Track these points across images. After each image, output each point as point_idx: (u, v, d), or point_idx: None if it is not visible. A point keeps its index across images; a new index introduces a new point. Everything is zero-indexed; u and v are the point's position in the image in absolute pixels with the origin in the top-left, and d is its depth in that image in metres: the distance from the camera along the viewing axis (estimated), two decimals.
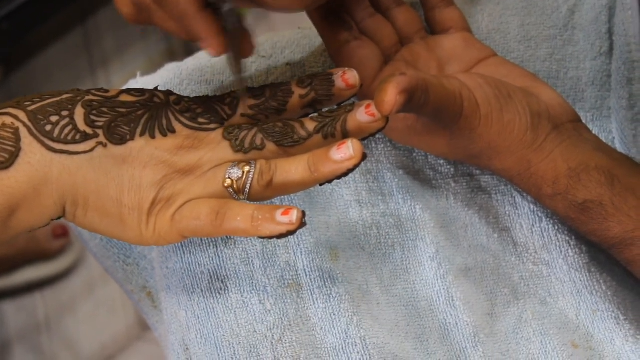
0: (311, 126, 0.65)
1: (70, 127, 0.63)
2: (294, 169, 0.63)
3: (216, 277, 0.71)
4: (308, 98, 0.67)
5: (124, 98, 0.66)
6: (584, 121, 0.75)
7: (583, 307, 0.74)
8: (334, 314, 0.70)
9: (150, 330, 1.53)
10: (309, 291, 0.71)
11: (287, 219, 0.62)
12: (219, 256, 0.72)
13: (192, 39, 0.65)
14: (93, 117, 0.64)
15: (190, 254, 0.72)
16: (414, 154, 0.77)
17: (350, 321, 0.70)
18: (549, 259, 0.75)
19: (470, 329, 0.72)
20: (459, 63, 0.75)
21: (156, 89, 0.67)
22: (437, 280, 0.73)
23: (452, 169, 0.77)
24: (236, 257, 0.72)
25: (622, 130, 0.79)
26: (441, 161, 0.77)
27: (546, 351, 0.72)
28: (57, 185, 0.62)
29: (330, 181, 0.63)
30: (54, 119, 0.63)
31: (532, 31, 0.80)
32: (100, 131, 0.64)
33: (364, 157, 0.62)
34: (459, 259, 0.74)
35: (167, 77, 0.78)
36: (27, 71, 1.76)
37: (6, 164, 0.61)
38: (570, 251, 0.75)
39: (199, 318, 0.71)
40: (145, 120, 0.65)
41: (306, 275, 0.71)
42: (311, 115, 0.66)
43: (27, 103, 0.63)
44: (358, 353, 0.69)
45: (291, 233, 0.62)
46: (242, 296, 0.71)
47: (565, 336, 0.73)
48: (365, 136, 0.65)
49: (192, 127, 0.65)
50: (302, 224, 0.62)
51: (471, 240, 0.75)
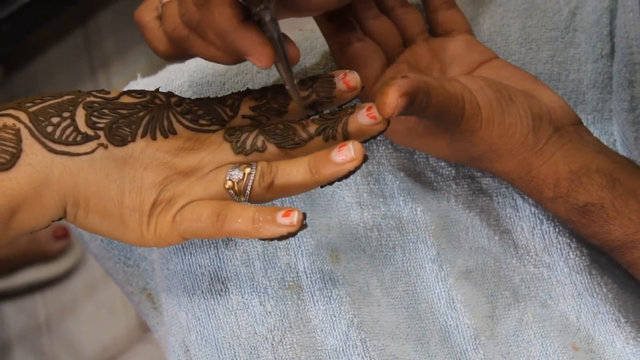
0: (312, 128, 0.65)
1: (72, 129, 0.63)
2: (295, 170, 0.63)
3: (217, 278, 0.71)
4: (309, 100, 0.67)
5: (125, 99, 0.66)
6: (585, 124, 0.75)
7: (584, 309, 0.74)
8: (335, 316, 0.70)
9: (151, 331, 1.53)
10: (309, 293, 0.71)
11: (288, 220, 0.62)
12: (219, 258, 0.72)
13: (239, 56, 0.64)
14: (94, 119, 0.64)
15: (190, 255, 0.72)
16: (415, 156, 0.77)
17: (350, 323, 0.70)
18: (549, 261, 0.75)
19: (470, 331, 0.72)
20: (461, 65, 0.75)
21: (157, 90, 0.67)
22: (438, 282, 0.73)
23: (453, 171, 0.77)
24: (237, 258, 0.72)
25: (624, 133, 0.79)
26: (442, 163, 0.77)
27: (547, 354, 0.72)
28: (58, 186, 0.62)
29: (331, 183, 0.63)
30: (55, 120, 0.63)
31: (533, 33, 0.80)
32: (102, 132, 0.64)
33: (365, 159, 0.62)
34: (459, 261, 0.74)
35: (168, 78, 0.78)
36: (27, 72, 1.76)
37: (7, 165, 0.61)
38: (571, 253, 0.75)
39: (199, 319, 0.71)
40: (147, 122, 0.65)
41: (307, 277, 0.71)
42: (312, 117, 0.66)
43: (28, 104, 0.63)
44: (358, 355, 0.69)
45: (292, 235, 0.62)
46: (242, 298, 0.71)
47: (566, 339, 0.73)
48: (366, 138, 0.65)
49: (193, 128, 0.65)
50: (303, 225, 0.62)
51: (472, 243, 0.75)
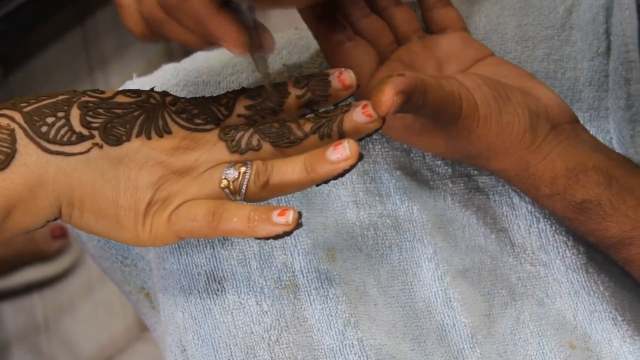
0: (307, 126, 0.65)
1: (66, 129, 0.63)
2: (290, 169, 0.63)
3: (213, 278, 0.71)
4: (304, 98, 0.67)
5: (120, 99, 0.66)
6: (581, 121, 0.75)
7: (581, 307, 0.74)
8: (331, 315, 0.70)
9: (149, 331, 1.53)
10: (306, 292, 0.71)
11: (284, 219, 0.61)
12: (215, 257, 0.72)
13: (212, 42, 0.63)
14: (89, 118, 0.64)
15: (187, 255, 0.72)
16: (411, 155, 0.77)
17: (347, 322, 0.70)
18: (546, 259, 0.75)
19: (467, 330, 0.72)
20: (457, 63, 0.75)
21: (152, 89, 0.67)
22: (435, 281, 0.73)
23: (449, 170, 0.77)
24: (233, 258, 0.71)
25: (620, 131, 0.79)
26: (438, 162, 0.77)
27: (543, 352, 0.72)
28: (52, 186, 0.62)
29: (327, 182, 0.63)
30: (50, 120, 0.63)
31: (529, 31, 0.80)
32: (96, 132, 0.63)
33: (361, 157, 0.62)
34: (456, 260, 0.74)
35: (164, 78, 0.78)
36: (26, 72, 1.76)
37: (2, 166, 0.61)
38: (567, 252, 0.75)
39: (195, 319, 0.71)
40: (142, 121, 0.65)
41: (303, 277, 0.71)
42: (308, 116, 0.66)
43: (23, 104, 0.63)
44: (355, 354, 0.69)
45: (287, 234, 0.62)
46: (239, 297, 0.71)
47: (563, 337, 0.73)
48: (362, 136, 0.65)
49: (188, 127, 0.65)
50: (299, 224, 0.62)
51: (469, 241, 0.75)
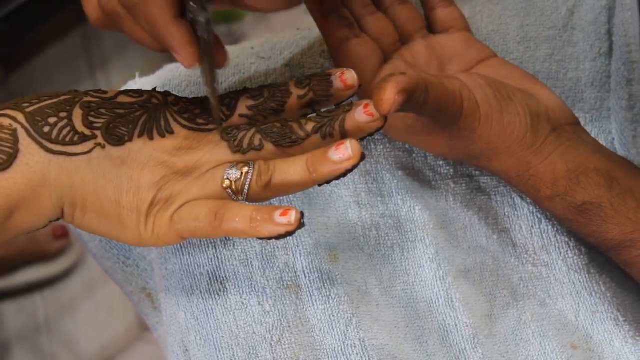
0: (309, 126, 0.65)
1: (69, 129, 0.63)
2: (292, 169, 0.63)
3: (215, 278, 0.71)
4: (306, 98, 0.67)
5: (122, 99, 0.66)
6: (583, 122, 0.75)
7: (582, 308, 0.74)
8: (333, 315, 0.70)
9: (150, 331, 1.53)
10: (308, 292, 0.71)
11: (286, 219, 0.61)
12: (217, 258, 0.72)
13: (163, 49, 0.63)
14: (91, 119, 0.64)
15: (189, 255, 0.72)
16: (413, 155, 0.77)
17: (349, 322, 0.70)
18: (548, 260, 0.75)
19: (469, 330, 0.72)
20: (459, 63, 0.75)
21: (154, 89, 0.67)
22: (437, 281, 0.73)
23: (451, 170, 0.77)
24: (235, 258, 0.71)
25: (622, 131, 0.79)
26: (440, 162, 0.77)
27: (545, 352, 0.72)
28: (55, 186, 0.62)
29: (329, 182, 0.63)
30: (52, 120, 0.63)
31: (531, 32, 0.80)
32: (99, 132, 0.63)
33: (363, 157, 0.62)
34: (458, 260, 0.74)
35: (166, 78, 0.78)
36: (26, 72, 1.76)
37: (4, 166, 0.61)
38: (569, 252, 0.75)
39: (198, 319, 0.71)
40: (144, 122, 0.65)
41: (305, 277, 0.71)
42: (309, 116, 0.66)
43: (25, 104, 0.63)
44: (357, 354, 0.69)
45: (290, 234, 0.62)
46: (241, 297, 0.71)
47: (565, 337, 0.73)
48: (364, 136, 0.65)
49: (190, 128, 0.65)
50: (301, 224, 0.62)
51: (470, 242, 0.75)
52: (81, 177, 0.62)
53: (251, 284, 0.71)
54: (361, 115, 0.64)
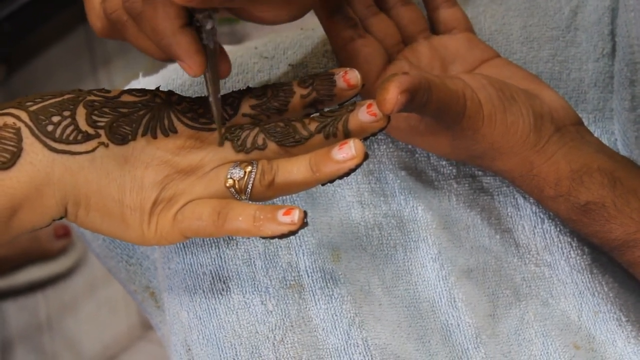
0: (313, 126, 0.65)
1: (72, 128, 0.63)
2: (295, 169, 0.63)
3: (218, 277, 0.71)
4: (309, 98, 0.67)
5: (126, 98, 0.66)
6: (586, 123, 0.75)
7: (585, 308, 0.74)
8: (336, 315, 0.70)
9: (152, 330, 1.53)
10: (310, 292, 0.71)
11: (289, 218, 0.61)
12: (221, 257, 0.72)
13: (167, 58, 0.63)
14: (95, 117, 0.64)
15: (192, 254, 0.72)
16: (416, 155, 0.77)
17: (352, 322, 0.70)
18: (551, 260, 0.75)
19: (472, 330, 0.72)
20: (462, 63, 0.75)
21: (158, 89, 0.67)
22: (439, 281, 0.73)
23: (454, 170, 0.77)
24: (238, 258, 0.71)
25: (625, 132, 0.79)
26: (443, 162, 0.77)
27: (548, 352, 0.72)
28: (58, 185, 0.62)
29: (332, 181, 0.63)
30: (56, 119, 0.63)
31: (534, 32, 0.80)
32: (102, 131, 0.63)
33: (366, 156, 0.62)
34: (461, 260, 0.74)
35: (169, 77, 0.78)
36: (28, 71, 1.76)
37: (8, 164, 0.61)
38: (572, 252, 0.75)
39: (200, 319, 0.71)
40: (147, 121, 0.65)
41: (308, 276, 0.71)
42: (313, 115, 0.66)
43: (29, 103, 0.63)
44: (360, 354, 0.69)
45: (293, 233, 0.62)
46: (244, 297, 0.71)
47: (567, 337, 0.73)
48: (367, 136, 0.65)
49: (193, 127, 0.65)
50: (304, 224, 0.62)
51: (473, 242, 0.75)
52: (84, 175, 0.63)
53: (254, 283, 0.71)
54: (364, 115, 0.64)
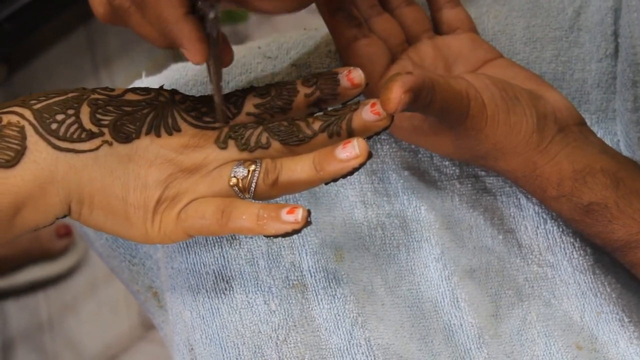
0: (316, 125, 0.65)
1: (76, 126, 0.63)
2: (299, 167, 0.63)
3: (221, 277, 0.71)
4: (313, 97, 0.67)
5: (130, 97, 0.66)
6: (589, 123, 0.75)
7: (587, 309, 0.74)
8: (339, 315, 0.70)
9: (154, 330, 1.53)
10: (313, 292, 0.71)
11: (293, 217, 0.61)
12: (223, 257, 0.72)
13: (171, 45, 0.63)
14: (99, 116, 0.64)
15: (195, 254, 0.72)
16: (419, 155, 0.77)
17: (355, 322, 0.70)
18: (553, 260, 0.75)
19: (474, 330, 0.72)
20: (466, 63, 0.75)
21: (161, 88, 0.67)
22: (442, 281, 0.73)
23: (457, 170, 0.77)
24: (241, 257, 0.71)
25: (627, 133, 0.79)
26: (446, 162, 0.77)
27: (550, 353, 0.72)
28: (62, 183, 0.62)
29: (336, 180, 0.63)
30: (60, 117, 0.63)
31: (537, 33, 0.80)
32: (106, 130, 0.64)
33: (370, 156, 0.62)
34: (463, 260, 0.74)
35: (173, 77, 0.78)
36: (29, 71, 1.76)
37: (12, 162, 0.61)
38: (574, 253, 0.75)
39: (203, 318, 0.71)
40: (151, 119, 0.65)
41: (311, 276, 0.71)
42: (316, 114, 0.66)
43: (33, 101, 0.63)
44: (363, 354, 0.69)
45: (296, 232, 0.62)
46: (247, 297, 0.71)
47: (570, 338, 0.73)
48: (371, 135, 0.65)
49: (197, 126, 0.65)
50: (308, 222, 0.62)
51: (476, 242, 0.75)
52: (88, 174, 0.63)
53: (257, 283, 0.71)
54: (368, 114, 0.64)
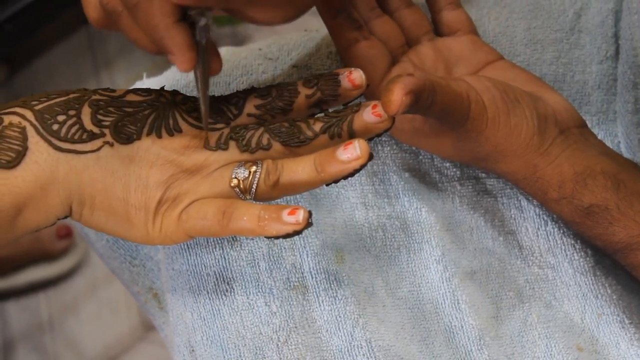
0: (318, 126, 0.65)
1: (77, 127, 0.63)
2: (300, 168, 0.63)
3: (222, 279, 0.71)
4: (314, 98, 0.67)
5: (131, 97, 0.66)
6: (589, 125, 0.75)
7: (588, 310, 0.74)
8: (340, 316, 0.70)
9: (154, 331, 1.53)
10: (314, 293, 0.71)
11: (294, 218, 0.61)
12: (224, 258, 0.72)
13: (159, 52, 0.63)
14: (100, 117, 0.64)
15: (196, 255, 0.72)
16: (420, 157, 0.77)
17: (355, 323, 0.70)
18: (554, 262, 0.75)
19: (475, 331, 0.72)
20: (466, 65, 0.75)
21: (162, 88, 0.67)
22: (443, 283, 0.73)
23: (457, 172, 0.77)
24: (242, 259, 0.71)
25: (628, 135, 0.79)
26: (447, 164, 0.77)
27: (551, 354, 0.72)
28: (63, 184, 0.62)
29: (337, 181, 0.63)
30: (61, 118, 0.63)
31: (538, 34, 0.80)
32: (107, 130, 0.64)
33: (371, 157, 0.62)
34: (464, 262, 0.74)
35: (174, 78, 0.78)
36: (30, 72, 1.76)
37: (13, 163, 0.61)
38: (575, 255, 0.75)
39: (204, 320, 0.71)
40: (152, 120, 0.65)
41: (312, 277, 0.71)
42: (317, 115, 0.66)
43: (34, 102, 0.63)
44: (364, 355, 0.69)
45: (297, 233, 0.62)
46: (247, 298, 0.71)
47: (571, 339, 0.73)
48: (372, 136, 0.65)
49: (198, 126, 0.65)
50: (309, 224, 0.62)
51: (477, 243, 0.75)
52: (89, 175, 0.63)
53: (258, 284, 0.71)
54: (369, 115, 0.64)
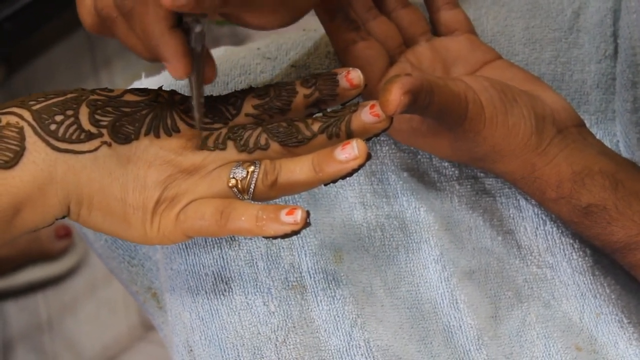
0: (316, 126, 0.65)
1: (75, 127, 0.63)
2: (298, 168, 0.63)
3: (220, 278, 0.71)
4: (312, 98, 0.67)
5: (129, 97, 0.66)
6: (588, 124, 0.75)
7: (587, 310, 0.74)
8: (338, 316, 0.70)
9: (153, 331, 1.53)
10: (313, 293, 0.71)
11: (292, 218, 0.61)
12: (223, 258, 0.72)
13: (154, 58, 0.63)
14: (97, 117, 0.64)
15: (194, 255, 0.72)
16: (419, 156, 0.77)
17: (354, 323, 0.70)
18: (552, 262, 0.75)
19: (474, 331, 0.72)
20: (464, 65, 0.75)
21: (160, 88, 0.67)
22: (441, 282, 0.73)
23: (456, 172, 0.77)
24: (240, 258, 0.71)
25: (627, 134, 0.79)
26: (445, 164, 0.77)
27: (550, 354, 0.72)
28: (61, 184, 0.62)
29: (335, 181, 0.63)
30: (59, 118, 0.63)
31: (536, 34, 0.80)
32: (105, 130, 0.64)
33: (369, 157, 0.62)
34: (463, 262, 0.74)
35: (172, 78, 0.78)
36: (29, 72, 1.76)
37: (11, 163, 0.61)
38: (574, 254, 0.75)
39: (203, 319, 0.71)
40: (150, 120, 0.65)
41: (310, 277, 0.71)
42: (315, 115, 0.66)
43: (32, 102, 0.63)
44: (362, 355, 0.69)
45: (295, 233, 0.62)
46: (246, 298, 0.71)
47: (569, 339, 0.73)
48: (370, 136, 0.65)
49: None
50: (307, 224, 0.62)
51: (475, 243, 0.75)
52: (87, 175, 0.63)
53: (256, 284, 0.71)
54: (367, 115, 0.64)
